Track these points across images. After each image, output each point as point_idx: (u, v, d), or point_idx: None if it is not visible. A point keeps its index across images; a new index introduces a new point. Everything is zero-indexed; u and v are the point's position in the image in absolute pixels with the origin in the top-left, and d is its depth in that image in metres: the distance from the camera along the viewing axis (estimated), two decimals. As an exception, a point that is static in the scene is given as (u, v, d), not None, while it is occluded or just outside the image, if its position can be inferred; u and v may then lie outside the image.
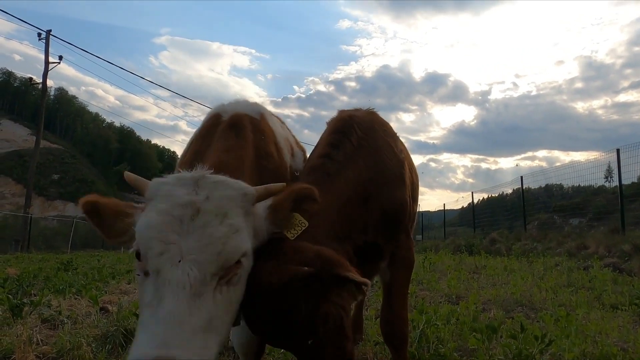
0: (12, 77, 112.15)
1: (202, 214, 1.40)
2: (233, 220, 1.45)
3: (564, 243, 13.75)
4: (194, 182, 1.48)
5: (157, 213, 1.40)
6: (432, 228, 37.38)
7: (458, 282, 7.23)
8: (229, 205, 1.46)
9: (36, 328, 3.62)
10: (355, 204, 2.19)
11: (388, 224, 2.36)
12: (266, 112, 2.62)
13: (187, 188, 1.46)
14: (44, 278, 7.83)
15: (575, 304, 5.33)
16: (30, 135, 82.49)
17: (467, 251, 16.64)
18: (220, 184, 1.51)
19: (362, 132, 2.42)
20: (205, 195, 1.44)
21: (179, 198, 1.42)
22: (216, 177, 1.53)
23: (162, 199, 1.44)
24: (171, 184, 1.48)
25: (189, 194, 1.43)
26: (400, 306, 2.47)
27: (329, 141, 2.38)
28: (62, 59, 29.30)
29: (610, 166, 16.29)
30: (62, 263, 11.03)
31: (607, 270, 8.58)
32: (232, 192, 1.50)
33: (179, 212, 1.39)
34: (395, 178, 2.44)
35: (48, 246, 29.81)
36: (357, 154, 2.32)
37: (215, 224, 1.40)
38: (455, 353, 3.23)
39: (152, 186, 1.52)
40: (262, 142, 2.31)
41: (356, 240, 2.20)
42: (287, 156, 2.56)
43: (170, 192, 1.44)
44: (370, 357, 3.28)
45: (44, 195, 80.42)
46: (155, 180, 1.53)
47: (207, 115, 2.57)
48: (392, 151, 2.51)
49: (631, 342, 3.49)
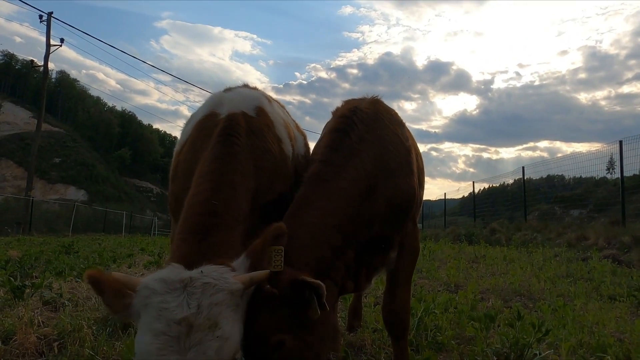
0: (14, 60, 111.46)
1: (196, 330, 1.48)
2: (224, 329, 1.53)
3: (564, 234, 13.79)
4: (183, 287, 1.53)
5: (154, 335, 1.46)
6: (432, 217, 37.45)
7: (457, 271, 7.26)
8: (219, 313, 1.53)
9: (37, 310, 3.64)
10: (358, 201, 2.19)
11: (395, 214, 2.35)
12: (265, 103, 2.57)
13: (177, 298, 1.50)
14: (46, 261, 7.88)
15: (574, 295, 5.35)
16: (31, 118, 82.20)
17: (467, 240, 16.69)
18: (209, 288, 1.55)
19: (365, 126, 2.39)
20: (196, 305, 1.50)
21: (172, 314, 1.47)
22: (204, 279, 1.56)
23: (155, 315, 1.49)
24: (161, 293, 1.52)
25: (181, 307, 1.49)
26: (404, 296, 2.47)
27: (328, 142, 2.37)
28: (64, 41, 29.15)
29: (612, 158, 16.25)
30: (64, 246, 11.10)
31: (606, 261, 8.62)
32: (220, 297, 1.55)
33: (175, 332, 1.46)
34: (401, 167, 2.41)
35: (49, 229, 29.95)
36: (360, 148, 2.30)
37: (209, 339, 1.49)
38: (453, 341, 3.26)
39: (142, 293, 1.54)
40: (258, 142, 2.29)
41: (360, 237, 2.20)
42: (288, 145, 2.53)
43: (162, 306, 1.49)
44: (369, 344, 3.31)
45: (45, 178, 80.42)
46: (145, 286, 1.55)
47: (203, 108, 2.53)
48: (397, 140, 2.47)
49: (628, 333, 3.51)
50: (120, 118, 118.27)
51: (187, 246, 1.79)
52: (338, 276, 2.11)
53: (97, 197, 78.60)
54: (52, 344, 3.04)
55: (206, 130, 2.29)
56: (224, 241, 1.83)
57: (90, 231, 33.05)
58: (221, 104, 2.42)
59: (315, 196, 2.15)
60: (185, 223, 1.90)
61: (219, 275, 1.60)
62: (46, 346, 3.02)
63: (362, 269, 2.32)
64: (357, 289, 2.41)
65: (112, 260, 8.70)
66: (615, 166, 15.74)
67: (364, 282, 2.39)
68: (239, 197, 2.02)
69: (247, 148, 2.20)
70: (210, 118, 2.37)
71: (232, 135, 2.18)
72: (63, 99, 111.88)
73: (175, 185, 2.45)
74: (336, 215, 2.11)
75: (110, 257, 9.24)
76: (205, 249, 1.76)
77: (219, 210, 1.90)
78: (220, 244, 1.81)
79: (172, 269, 1.62)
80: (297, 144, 2.69)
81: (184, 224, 1.90)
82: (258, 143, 2.29)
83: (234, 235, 1.88)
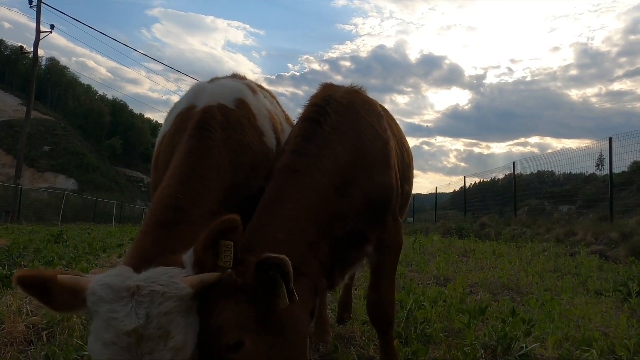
0: (3, 45, 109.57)
1: (146, 340, 1.46)
2: (177, 338, 1.50)
3: (552, 229, 13.92)
4: (130, 296, 1.50)
5: (104, 345, 1.46)
6: (423, 211, 37.63)
7: (447, 265, 7.32)
8: (170, 322, 1.50)
9: (26, 299, 3.62)
10: (333, 194, 2.11)
11: (372, 209, 2.28)
12: (247, 94, 2.51)
13: (125, 308, 1.48)
14: (34, 250, 7.82)
15: (561, 289, 5.42)
16: (20, 106, 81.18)
17: (457, 234, 16.83)
18: (157, 297, 1.51)
19: (338, 116, 2.30)
20: (144, 315, 1.47)
21: (121, 325, 1.45)
22: (152, 286, 1.52)
23: (104, 325, 1.47)
24: (108, 302, 1.49)
25: (129, 317, 1.46)
26: (387, 290, 2.43)
27: (300, 131, 2.27)
28: (54, 28, 28.74)
29: (602, 155, 16.42)
30: (53, 235, 11.01)
31: (593, 257, 8.72)
32: (169, 305, 1.51)
33: (125, 342, 1.45)
34: (377, 161, 2.33)
35: (38, 218, 29.73)
36: (333, 139, 2.21)
37: (160, 348, 1.47)
38: (442, 334, 3.29)
39: (90, 299, 1.52)
40: (236, 135, 2.25)
41: (336, 232, 2.13)
42: (272, 138, 2.49)
43: (110, 316, 1.47)
44: (358, 336, 3.33)
45: (34, 166, 79.46)
46: (93, 291, 1.52)
47: (184, 99, 2.50)
48: (374, 132, 2.38)
49: (613, 327, 3.57)
50: (111, 107, 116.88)
51: (147, 240, 1.78)
52: (313, 273, 2.01)
53: (87, 186, 77.93)
54: (41, 333, 3.03)
55: (184, 124, 2.27)
56: (186, 236, 1.80)
57: (79, 220, 32.82)
58: (200, 95, 2.38)
59: (288, 188, 2.05)
60: (150, 215, 1.90)
61: (167, 281, 1.55)
62: (35, 335, 3.01)
63: (337, 265, 2.24)
64: (331, 286, 2.31)
65: (102, 250, 8.66)
66: (604, 163, 15.91)
67: (338, 278, 2.31)
68: (207, 193, 1.99)
69: (222, 142, 2.16)
70: (189, 110, 2.34)
71: (205, 129, 2.15)
72: (53, 87, 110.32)
73: (155, 175, 2.43)
74: (311, 209, 2.02)
75: (100, 246, 9.20)
76: (165, 243, 1.75)
77: (184, 204, 1.89)
78: (182, 239, 1.78)
79: (119, 273, 1.58)
80: (285, 136, 2.63)
81: (149, 217, 1.90)
82: (235, 136, 2.25)
83: (198, 230, 1.82)
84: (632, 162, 16.43)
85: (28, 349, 2.81)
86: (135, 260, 1.67)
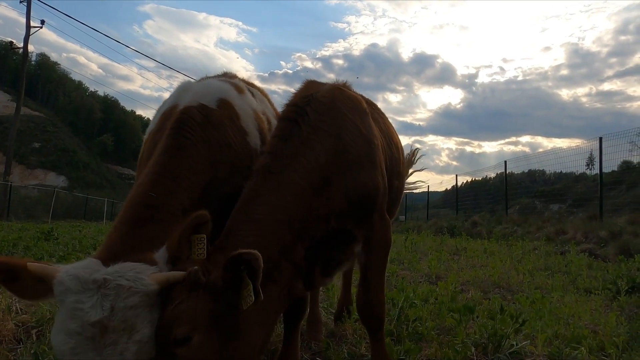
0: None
1: (111, 332, 1.49)
2: (143, 332, 1.53)
3: (543, 228, 14.03)
4: (97, 288, 1.52)
5: (68, 335, 1.48)
6: (415, 209, 37.74)
7: (438, 263, 7.36)
8: (134, 316, 1.53)
9: (15, 297, 3.59)
10: (310, 194, 2.09)
11: (357, 208, 2.26)
12: (232, 95, 2.51)
13: (91, 299, 1.50)
14: (24, 247, 7.75)
15: (551, 287, 5.47)
16: (10, 102, 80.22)
17: (449, 233, 16.91)
18: (122, 291, 1.53)
19: (318, 115, 2.26)
20: (109, 307, 1.49)
21: (86, 315, 1.48)
22: (118, 280, 1.55)
23: (69, 315, 1.50)
24: (75, 292, 1.51)
25: (94, 308, 1.49)
26: (376, 289, 2.42)
27: (277, 132, 2.26)
28: (45, 23, 28.44)
29: (592, 154, 16.59)
30: (43, 232, 10.91)
31: (583, 255, 8.80)
32: (135, 300, 1.54)
33: (90, 333, 1.47)
34: (360, 159, 2.30)
35: (28, 215, 29.38)
36: (312, 139, 2.19)
37: (124, 341, 1.50)
38: (433, 332, 3.30)
39: (58, 288, 1.54)
40: (216, 135, 2.26)
41: (314, 233, 2.11)
42: (256, 137, 2.49)
43: (76, 306, 1.49)
44: (350, 334, 3.34)
45: (24, 163, 78.62)
46: (60, 281, 1.54)
47: (170, 98, 2.52)
48: (356, 130, 2.35)
49: (602, 325, 3.61)
50: (103, 103, 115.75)
51: (117, 236, 1.81)
52: (284, 278, 1.98)
53: (78, 184, 77.18)
54: (31, 332, 3.01)
55: (165, 123, 2.29)
56: (155, 234, 1.82)
57: (70, 218, 32.57)
58: (183, 95, 2.40)
59: (262, 190, 2.03)
60: (122, 213, 1.92)
61: (134, 276, 1.57)
62: (24, 333, 2.99)
63: (317, 265, 2.22)
64: (310, 287, 2.28)
65: (93, 247, 8.59)
66: (594, 162, 16.08)
67: (320, 278, 2.28)
68: (180, 191, 2.00)
69: (201, 141, 2.17)
70: (171, 109, 2.35)
71: (181, 129, 2.16)
72: (43, 83, 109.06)
73: (138, 173, 2.44)
74: (285, 211, 1.99)
75: (91, 244, 9.13)
76: (134, 240, 1.77)
77: (155, 202, 1.90)
78: (151, 236, 1.80)
79: (88, 265, 1.61)
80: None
81: (121, 214, 1.93)
82: (216, 136, 2.25)
83: (169, 229, 1.85)
84: (622, 161, 16.67)
85: (17, 348, 2.79)
86: (105, 255, 1.70)
